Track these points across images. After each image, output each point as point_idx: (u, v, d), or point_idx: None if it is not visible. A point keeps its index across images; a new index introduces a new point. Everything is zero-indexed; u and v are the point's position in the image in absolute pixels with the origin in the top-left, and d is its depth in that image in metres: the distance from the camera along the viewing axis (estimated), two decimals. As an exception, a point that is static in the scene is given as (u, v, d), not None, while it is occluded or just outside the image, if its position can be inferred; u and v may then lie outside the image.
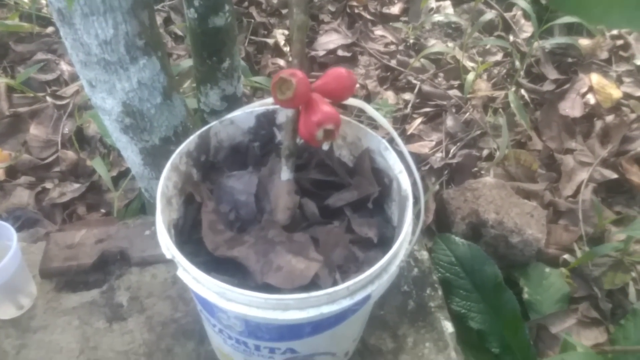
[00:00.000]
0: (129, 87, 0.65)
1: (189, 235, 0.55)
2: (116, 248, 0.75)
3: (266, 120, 0.62)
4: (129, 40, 0.61)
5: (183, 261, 0.45)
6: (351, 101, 0.58)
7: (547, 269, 0.92)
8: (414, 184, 0.53)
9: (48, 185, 1.01)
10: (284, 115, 0.62)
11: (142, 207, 0.96)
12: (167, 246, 0.47)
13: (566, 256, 0.96)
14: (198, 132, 0.57)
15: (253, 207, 0.55)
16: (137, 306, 0.71)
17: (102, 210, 0.99)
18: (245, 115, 0.60)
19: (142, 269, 0.75)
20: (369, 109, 0.56)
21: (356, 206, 0.57)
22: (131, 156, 0.76)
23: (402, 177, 0.54)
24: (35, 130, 1.08)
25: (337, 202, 0.57)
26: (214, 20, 0.75)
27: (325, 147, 0.59)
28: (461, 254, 0.89)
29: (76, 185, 1.01)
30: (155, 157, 0.75)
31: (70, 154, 1.04)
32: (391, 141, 0.57)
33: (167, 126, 0.72)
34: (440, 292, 0.74)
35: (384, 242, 0.54)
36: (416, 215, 0.53)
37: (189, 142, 0.56)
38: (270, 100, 0.61)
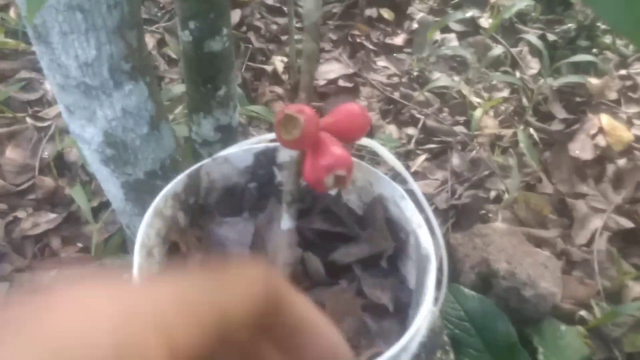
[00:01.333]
0: (112, 115, 0.57)
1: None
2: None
3: (265, 159, 0.54)
4: (113, 63, 0.54)
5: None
6: (362, 141, 0.51)
7: (563, 327, 0.85)
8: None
9: (20, 214, 0.92)
10: (285, 154, 0.54)
11: (123, 243, 0.87)
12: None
13: (583, 312, 0.88)
14: (187, 172, 0.50)
15: (247, 261, 0.48)
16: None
17: (79, 245, 0.90)
18: (242, 152, 0.53)
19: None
20: (383, 152, 0.50)
21: (367, 263, 0.49)
22: (112, 190, 0.68)
23: (422, 233, 0.47)
24: (11, 154, 1.00)
25: (344, 257, 0.49)
26: (210, 45, 0.68)
27: (332, 191, 0.52)
28: (471, 308, 0.81)
29: (52, 216, 0.92)
30: (139, 192, 0.67)
31: (48, 181, 0.96)
32: (395, 177, 0.51)
33: (154, 159, 0.65)
34: (452, 356, 0.66)
35: (399, 308, 0.47)
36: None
37: (176, 182, 0.49)
38: (270, 136, 0.54)
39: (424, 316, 0.41)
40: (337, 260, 0.49)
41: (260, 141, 0.54)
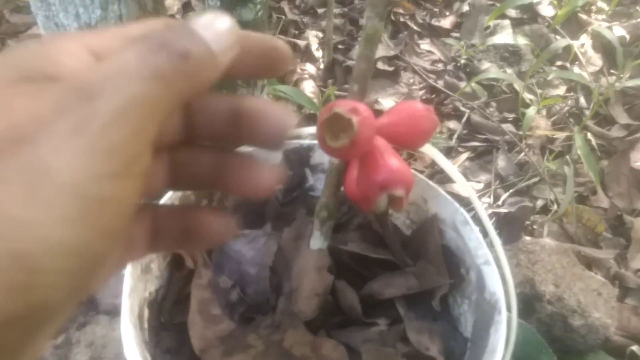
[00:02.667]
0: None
1: (169, 317, 0.38)
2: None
3: (297, 159, 0.45)
4: (122, 27, 0.44)
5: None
6: (424, 148, 0.41)
7: (613, 363, 0.75)
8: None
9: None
10: (322, 154, 0.45)
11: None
12: (131, 351, 0.31)
13: (635, 347, 0.78)
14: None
15: (266, 286, 0.39)
16: (98, 372, 0.55)
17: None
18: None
19: (112, 319, 0.59)
20: (449, 167, 0.39)
21: (413, 300, 0.40)
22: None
23: (489, 273, 0.37)
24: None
25: (385, 290, 0.40)
26: (241, 13, 0.58)
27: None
28: (512, 335, 0.71)
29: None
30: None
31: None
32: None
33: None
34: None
35: (450, 362, 0.37)
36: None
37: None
38: (307, 130, 0.44)
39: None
40: (376, 292, 0.40)
41: (297, 135, 0.44)
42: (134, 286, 0.34)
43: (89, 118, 0.14)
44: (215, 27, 0.18)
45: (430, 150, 0.42)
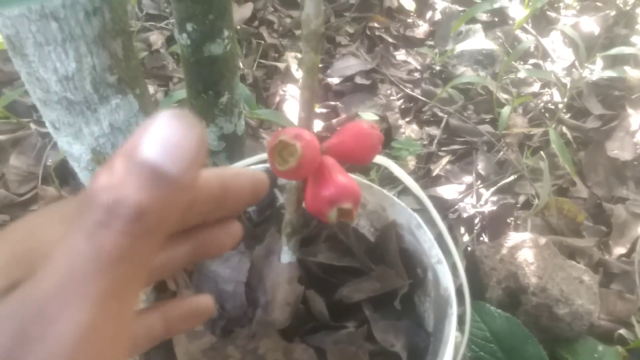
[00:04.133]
0: (99, 131, 0.52)
1: (157, 336, 0.42)
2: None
3: (265, 181, 0.49)
4: (96, 76, 0.48)
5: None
6: (376, 159, 0.45)
7: (601, 347, 0.77)
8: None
9: (24, 225, 0.89)
10: (288, 175, 0.49)
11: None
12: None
13: (622, 331, 0.81)
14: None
15: (243, 300, 0.42)
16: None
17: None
18: (238, 175, 0.47)
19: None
20: (399, 172, 0.43)
21: (378, 302, 0.43)
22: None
23: (442, 270, 0.40)
24: (15, 161, 0.96)
25: (353, 294, 0.43)
26: (210, 48, 0.63)
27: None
28: (498, 328, 0.74)
29: (56, 226, 0.89)
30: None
31: (51, 190, 0.92)
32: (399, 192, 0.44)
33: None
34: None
35: (415, 356, 0.41)
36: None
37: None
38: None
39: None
40: (344, 297, 0.43)
41: (259, 161, 0.48)
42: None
43: (56, 346, 0.13)
44: (169, 139, 0.14)
45: (384, 161, 0.46)
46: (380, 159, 0.45)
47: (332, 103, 1.10)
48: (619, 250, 0.91)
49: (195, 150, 0.15)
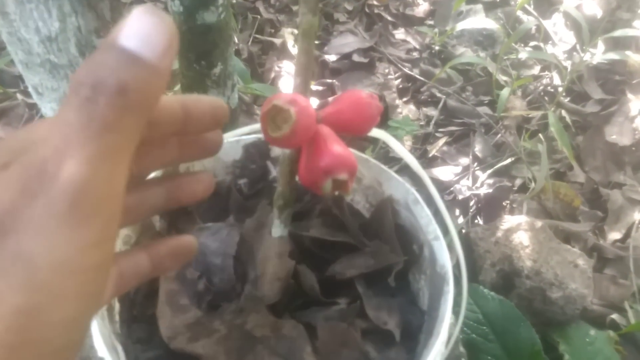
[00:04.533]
0: (85, 97, 0.50)
1: (141, 309, 0.40)
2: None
3: (257, 152, 0.47)
4: (81, 38, 0.46)
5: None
6: (373, 132, 0.43)
7: (592, 332, 0.77)
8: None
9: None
10: (281, 146, 0.47)
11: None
12: (98, 341, 0.33)
13: (615, 316, 0.80)
14: (163, 167, 0.42)
15: (231, 274, 0.41)
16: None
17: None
18: (229, 145, 0.46)
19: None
20: (397, 147, 0.42)
21: (371, 279, 0.42)
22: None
23: (439, 247, 0.39)
24: (1, 132, 0.94)
25: (345, 270, 0.42)
26: (204, 16, 0.60)
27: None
28: (491, 311, 0.74)
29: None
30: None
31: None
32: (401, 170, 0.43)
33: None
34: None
35: (408, 334, 0.39)
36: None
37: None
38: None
39: (438, 349, 0.34)
40: (337, 273, 0.42)
41: (251, 131, 0.46)
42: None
43: (57, 197, 0.15)
44: (144, 30, 0.16)
45: (382, 135, 0.44)
46: (377, 132, 0.44)
47: (329, 81, 1.08)
48: (614, 235, 0.90)
49: (168, 39, 0.17)
